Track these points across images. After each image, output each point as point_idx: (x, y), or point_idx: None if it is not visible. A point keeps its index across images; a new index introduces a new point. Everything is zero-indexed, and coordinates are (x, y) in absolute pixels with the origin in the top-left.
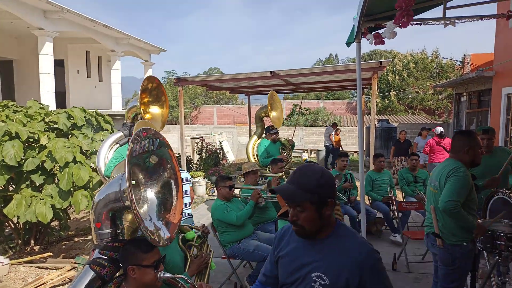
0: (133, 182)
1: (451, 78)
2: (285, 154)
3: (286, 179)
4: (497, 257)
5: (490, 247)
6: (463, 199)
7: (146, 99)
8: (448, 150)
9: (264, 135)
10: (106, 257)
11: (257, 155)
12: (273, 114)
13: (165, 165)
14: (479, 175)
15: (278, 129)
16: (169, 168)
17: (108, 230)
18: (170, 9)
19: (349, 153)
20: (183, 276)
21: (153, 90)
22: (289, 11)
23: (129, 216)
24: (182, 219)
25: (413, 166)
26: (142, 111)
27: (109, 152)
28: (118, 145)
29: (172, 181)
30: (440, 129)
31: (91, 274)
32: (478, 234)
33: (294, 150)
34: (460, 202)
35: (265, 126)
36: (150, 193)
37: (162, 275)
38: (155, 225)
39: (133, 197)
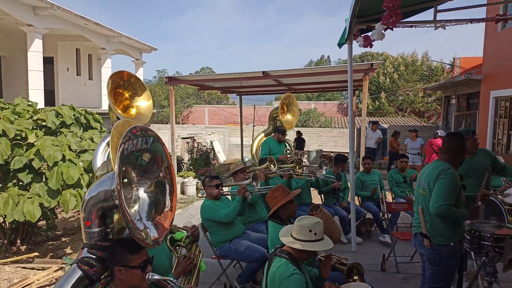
0: (125, 180)
1: (440, 81)
2: (289, 155)
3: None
4: (484, 258)
5: (477, 248)
6: (454, 200)
7: (126, 94)
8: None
9: (272, 134)
10: (94, 256)
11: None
12: (288, 117)
13: (160, 164)
14: (462, 175)
15: (287, 131)
16: (164, 168)
17: (98, 229)
18: (163, 7)
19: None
20: (172, 279)
21: (125, 83)
22: (284, 12)
23: (116, 216)
24: None
25: (402, 168)
26: (120, 112)
27: (104, 156)
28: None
29: (166, 181)
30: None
31: (78, 273)
32: (474, 217)
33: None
34: (450, 204)
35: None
36: (142, 192)
37: (150, 276)
38: (144, 224)
39: (123, 197)
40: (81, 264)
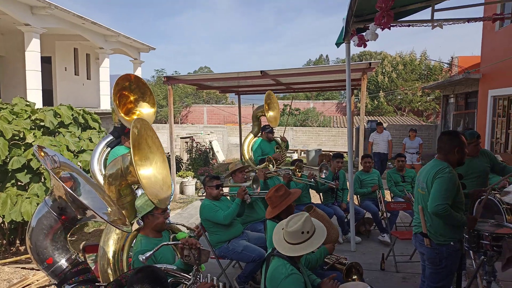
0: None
1: (439, 80)
2: (279, 152)
3: (277, 173)
4: (482, 257)
5: (476, 247)
6: (451, 200)
7: (131, 97)
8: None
9: (260, 134)
10: (77, 282)
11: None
12: (270, 113)
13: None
14: (462, 174)
15: (274, 128)
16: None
17: (64, 260)
18: (162, 7)
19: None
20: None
21: (132, 84)
22: (282, 12)
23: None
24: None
25: (400, 167)
26: (123, 115)
27: (102, 156)
28: (109, 148)
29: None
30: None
31: None
32: (470, 227)
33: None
34: (448, 204)
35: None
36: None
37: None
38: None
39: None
40: None
